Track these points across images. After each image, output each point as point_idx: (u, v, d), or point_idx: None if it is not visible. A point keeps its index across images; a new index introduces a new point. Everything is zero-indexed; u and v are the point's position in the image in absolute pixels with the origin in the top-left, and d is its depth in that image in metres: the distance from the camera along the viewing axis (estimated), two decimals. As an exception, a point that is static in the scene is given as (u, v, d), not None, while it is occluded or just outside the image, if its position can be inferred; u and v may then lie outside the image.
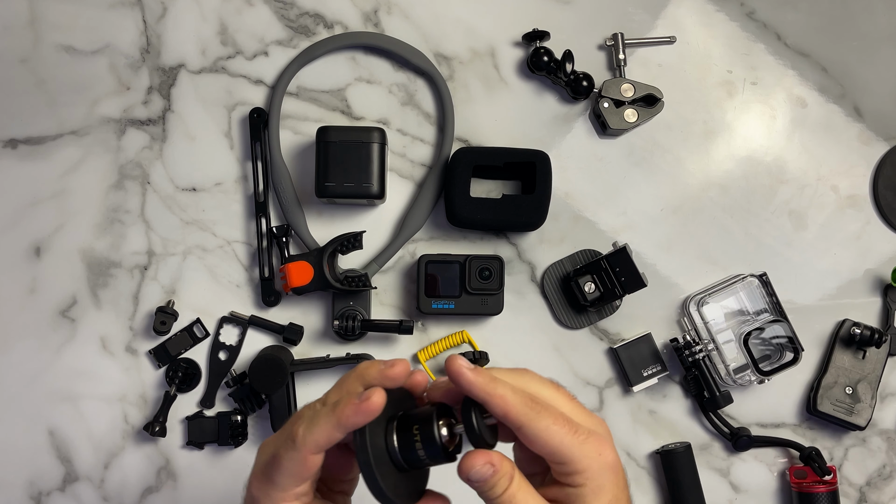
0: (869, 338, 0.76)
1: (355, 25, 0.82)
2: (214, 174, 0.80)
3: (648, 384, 0.78)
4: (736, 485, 0.79)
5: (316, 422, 0.41)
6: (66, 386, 0.78)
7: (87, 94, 0.80)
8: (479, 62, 0.82)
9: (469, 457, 0.40)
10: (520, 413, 0.40)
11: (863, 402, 0.78)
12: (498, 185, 0.81)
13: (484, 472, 0.40)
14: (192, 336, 0.78)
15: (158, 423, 0.75)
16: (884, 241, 0.82)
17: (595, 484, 0.41)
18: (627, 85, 0.79)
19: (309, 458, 0.41)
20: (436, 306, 0.76)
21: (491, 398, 0.41)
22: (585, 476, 0.41)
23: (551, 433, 0.40)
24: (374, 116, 0.81)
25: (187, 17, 0.81)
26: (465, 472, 0.40)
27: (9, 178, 0.79)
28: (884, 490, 0.79)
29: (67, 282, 0.78)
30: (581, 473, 0.41)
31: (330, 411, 0.41)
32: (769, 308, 0.78)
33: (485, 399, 0.41)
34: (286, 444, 0.41)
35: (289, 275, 0.74)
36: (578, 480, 0.41)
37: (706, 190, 0.82)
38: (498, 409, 0.41)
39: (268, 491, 0.42)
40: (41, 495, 0.77)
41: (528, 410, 0.40)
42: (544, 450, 0.41)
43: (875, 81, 0.83)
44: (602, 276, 0.75)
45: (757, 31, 0.83)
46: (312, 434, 0.41)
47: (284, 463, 0.41)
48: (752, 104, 0.83)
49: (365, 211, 0.80)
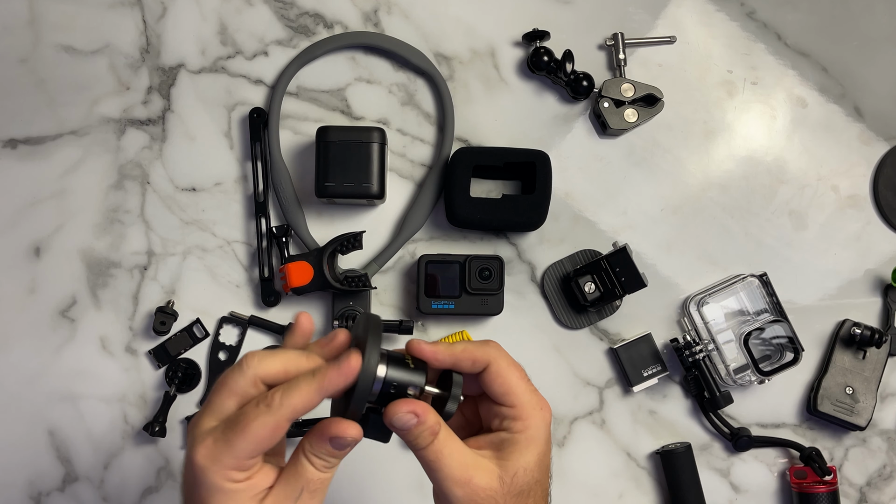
0: (869, 338, 0.76)
1: (355, 25, 0.81)
2: (214, 174, 0.80)
3: (648, 384, 0.78)
4: (736, 485, 0.79)
5: (296, 387, 0.40)
6: (66, 386, 0.78)
7: (87, 93, 0.80)
8: (479, 62, 0.82)
9: (394, 403, 0.43)
10: (485, 353, 0.46)
11: (863, 403, 0.78)
12: (498, 185, 0.81)
13: (407, 419, 0.43)
14: (191, 336, 0.78)
15: (158, 423, 0.75)
16: (884, 241, 0.82)
17: (532, 433, 0.45)
18: (627, 85, 0.79)
19: (282, 424, 0.40)
20: (436, 306, 0.76)
21: (454, 357, 0.45)
22: (526, 423, 0.45)
23: (510, 372, 0.46)
24: (374, 116, 0.81)
25: (187, 16, 0.81)
26: (389, 417, 0.43)
27: (9, 178, 0.79)
28: (884, 490, 0.79)
29: (67, 282, 0.78)
30: (523, 420, 0.45)
31: (309, 377, 0.41)
32: (769, 308, 0.77)
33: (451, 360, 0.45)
34: (258, 409, 0.40)
35: (289, 275, 0.74)
36: (518, 427, 0.45)
37: (706, 190, 0.82)
38: (466, 361, 0.45)
39: (220, 457, 0.40)
40: (41, 495, 0.77)
41: (490, 350, 0.46)
42: (502, 387, 0.45)
43: (875, 81, 0.83)
44: (602, 276, 0.75)
45: (757, 31, 0.83)
46: (291, 399, 0.40)
47: (253, 427, 0.40)
48: (753, 104, 0.82)
49: (365, 211, 0.80)
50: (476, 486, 0.43)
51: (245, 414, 0.40)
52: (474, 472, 0.44)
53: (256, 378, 0.42)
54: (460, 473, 0.43)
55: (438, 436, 0.44)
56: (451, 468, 0.43)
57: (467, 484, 0.43)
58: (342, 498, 0.77)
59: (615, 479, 0.79)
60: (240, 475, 0.41)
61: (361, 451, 0.77)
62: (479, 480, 0.43)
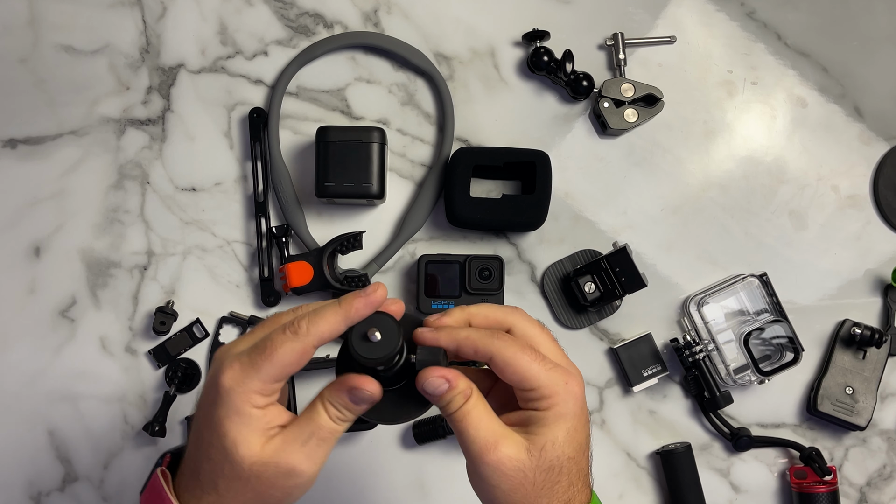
0: (869, 338, 0.76)
1: (355, 25, 0.81)
2: (214, 174, 0.80)
3: (648, 384, 0.78)
4: (736, 485, 0.79)
5: (322, 315, 0.42)
6: (66, 386, 0.78)
7: (87, 93, 0.80)
8: (479, 62, 0.82)
9: (427, 370, 0.44)
10: (487, 345, 0.44)
11: (863, 403, 0.78)
12: (498, 185, 0.81)
13: (438, 384, 0.43)
14: (191, 336, 0.78)
15: (158, 423, 0.75)
16: (884, 241, 0.82)
17: (559, 409, 0.44)
18: (627, 85, 0.79)
19: (308, 350, 0.42)
20: (436, 306, 0.76)
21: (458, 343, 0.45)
22: (551, 401, 0.44)
23: (518, 359, 0.44)
24: (373, 116, 0.81)
25: (187, 16, 0.81)
26: (421, 382, 0.44)
27: (8, 178, 0.79)
28: (884, 490, 0.79)
29: (67, 282, 0.78)
30: (547, 398, 0.44)
31: (335, 305, 0.42)
32: (769, 308, 0.77)
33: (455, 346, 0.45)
34: (284, 335, 0.41)
35: (288, 275, 0.74)
36: (544, 405, 0.44)
37: (706, 190, 0.82)
38: (468, 348, 0.44)
39: (245, 381, 0.41)
40: (41, 495, 0.77)
41: (495, 341, 0.44)
42: (514, 376, 0.44)
43: (875, 81, 0.83)
44: (602, 276, 0.75)
45: (757, 31, 0.83)
46: (318, 326, 0.42)
47: (280, 352, 0.41)
48: (753, 104, 0.82)
49: (365, 211, 0.80)
50: (503, 454, 0.43)
51: (272, 339, 0.42)
52: (503, 440, 0.43)
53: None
54: (490, 438, 0.43)
55: (470, 399, 0.44)
56: (480, 431, 0.43)
57: (495, 449, 0.43)
58: (342, 498, 0.77)
59: (615, 479, 0.79)
60: (261, 400, 0.42)
61: (362, 450, 0.77)
62: (506, 449, 0.43)
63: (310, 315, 0.42)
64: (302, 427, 0.43)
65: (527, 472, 0.43)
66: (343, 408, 0.43)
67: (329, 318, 0.42)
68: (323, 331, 0.42)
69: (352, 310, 0.42)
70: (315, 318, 0.42)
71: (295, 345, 0.41)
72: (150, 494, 0.45)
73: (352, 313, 0.42)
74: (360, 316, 0.42)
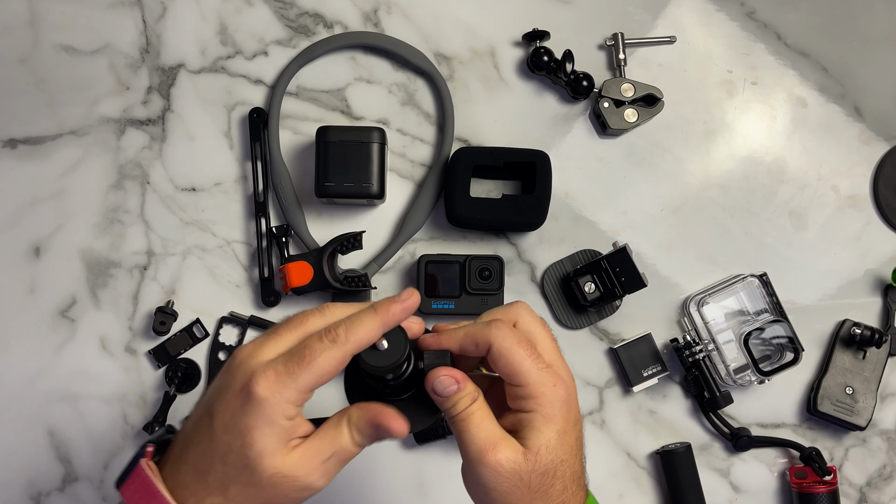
0: (869, 338, 0.76)
1: (355, 25, 0.81)
2: (214, 174, 0.80)
3: (648, 384, 0.78)
4: (736, 485, 0.79)
5: (360, 321, 0.42)
6: (66, 386, 0.78)
7: (87, 93, 0.80)
8: (479, 62, 0.82)
9: (437, 370, 0.44)
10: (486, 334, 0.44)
11: (863, 403, 0.78)
12: (498, 185, 0.81)
13: (447, 383, 0.44)
14: (191, 336, 0.78)
15: (158, 423, 0.75)
16: (884, 241, 0.82)
17: (545, 411, 0.44)
18: (627, 85, 0.79)
19: (347, 358, 0.42)
20: (436, 306, 0.76)
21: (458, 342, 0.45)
22: (537, 402, 0.44)
23: (513, 352, 0.44)
24: (373, 116, 0.81)
25: (187, 16, 0.81)
26: (431, 382, 0.44)
27: (8, 178, 0.79)
28: (884, 490, 0.79)
29: (67, 282, 0.78)
30: (534, 399, 0.44)
31: (371, 311, 0.42)
32: (769, 308, 0.77)
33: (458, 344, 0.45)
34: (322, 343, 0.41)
35: (288, 275, 0.74)
36: (530, 406, 0.44)
37: (706, 190, 0.82)
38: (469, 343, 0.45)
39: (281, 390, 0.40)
40: (41, 495, 0.77)
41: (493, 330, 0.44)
42: (506, 368, 0.44)
43: (875, 81, 0.83)
44: (602, 276, 0.75)
45: (757, 31, 0.83)
46: (356, 333, 0.42)
47: (320, 360, 0.41)
48: (753, 104, 0.82)
49: (365, 211, 0.80)
50: (502, 455, 0.43)
51: (310, 347, 0.41)
52: (502, 442, 0.44)
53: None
54: (490, 440, 0.43)
55: (476, 402, 0.44)
56: (481, 432, 0.44)
57: (494, 451, 0.43)
58: (342, 498, 0.77)
59: (615, 479, 0.79)
60: (293, 410, 0.42)
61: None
62: (505, 451, 0.43)
63: (346, 322, 0.42)
64: (325, 444, 0.43)
65: (523, 476, 0.43)
66: (367, 437, 0.44)
67: (367, 325, 0.42)
68: (361, 337, 0.42)
69: (389, 315, 0.42)
70: (353, 325, 0.42)
71: (335, 352, 0.41)
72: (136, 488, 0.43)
73: (389, 319, 0.42)
74: (397, 321, 0.43)
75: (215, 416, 0.42)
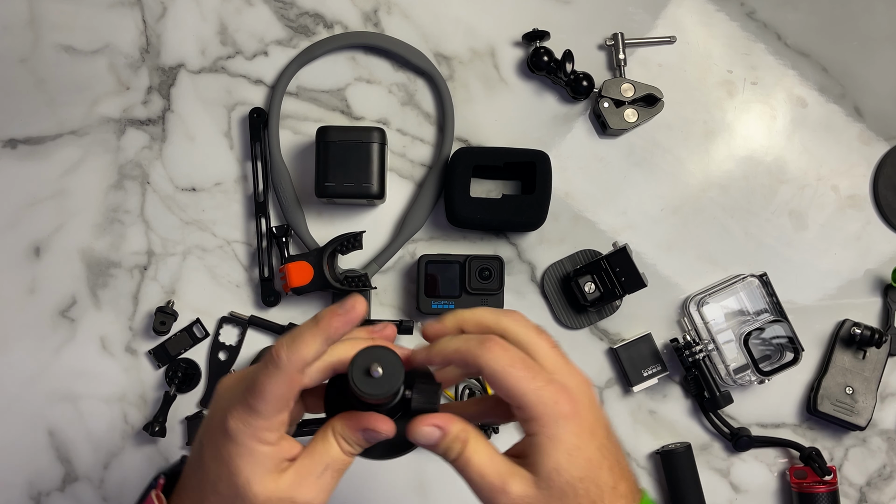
0: (869, 338, 0.76)
1: (355, 25, 0.81)
2: (214, 174, 0.80)
3: (648, 384, 0.78)
4: (736, 485, 0.79)
5: (300, 338, 0.40)
6: (66, 386, 0.78)
7: (87, 93, 0.80)
8: (479, 62, 0.82)
9: (415, 420, 0.42)
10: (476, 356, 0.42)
11: (863, 403, 0.78)
12: (498, 185, 0.81)
13: (429, 433, 0.42)
14: (191, 336, 0.78)
15: (158, 423, 0.75)
16: (884, 241, 0.82)
17: (549, 433, 0.41)
18: (627, 85, 0.79)
19: (295, 377, 0.40)
20: (436, 306, 0.76)
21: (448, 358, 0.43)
22: (539, 424, 0.41)
23: (507, 374, 0.41)
24: (374, 116, 0.81)
25: (187, 16, 0.81)
26: (412, 434, 0.42)
27: (8, 178, 0.79)
28: (884, 490, 0.79)
29: (67, 282, 0.78)
30: (535, 420, 0.41)
31: (313, 326, 0.41)
32: (769, 308, 0.77)
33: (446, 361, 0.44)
34: (267, 370, 0.40)
35: (288, 275, 0.74)
36: (534, 428, 0.41)
37: (706, 190, 0.82)
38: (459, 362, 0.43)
39: (249, 421, 0.40)
40: (41, 495, 0.77)
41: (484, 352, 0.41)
42: (502, 391, 0.41)
43: (875, 81, 0.83)
44: (602, 276, 0.75)
45: (757, 31, 0.83)
46: (298, 351, 0.40)
47: (268, 387, 0.40)
48: (753, 104, 0.82)
49: (365, 211, 0.80)
50: (514, 494, 0.41)
51: (256, 376, 0.41)
52: (509, 479, 0.41)
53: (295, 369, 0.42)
54: (496, 481, 0.41)
55: (468, 444, 0.42)
56: (485, 477, 0.41)
57: (503, 493, 0.41)
58: (342, 498, 0.77)
59: (615, 479, 0.79)
60: (271, 436, 0.41)
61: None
62: (515, 488, 0.41)
63: (287, 341, 0.40)
64: (315, 460, 0.43)
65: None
66: (355, 443, 0.43)
67: (307, 341, 0.40)
68: (303, 355, 0.40)
69: (331, 329, 0.40)
70: (292, 345, 0.40)
71: (280, 377, 0.40)
72: None
73: (331, 332, 0.40)
74: (340, 334, 0.41)
75: (204, 447, 0.43)
